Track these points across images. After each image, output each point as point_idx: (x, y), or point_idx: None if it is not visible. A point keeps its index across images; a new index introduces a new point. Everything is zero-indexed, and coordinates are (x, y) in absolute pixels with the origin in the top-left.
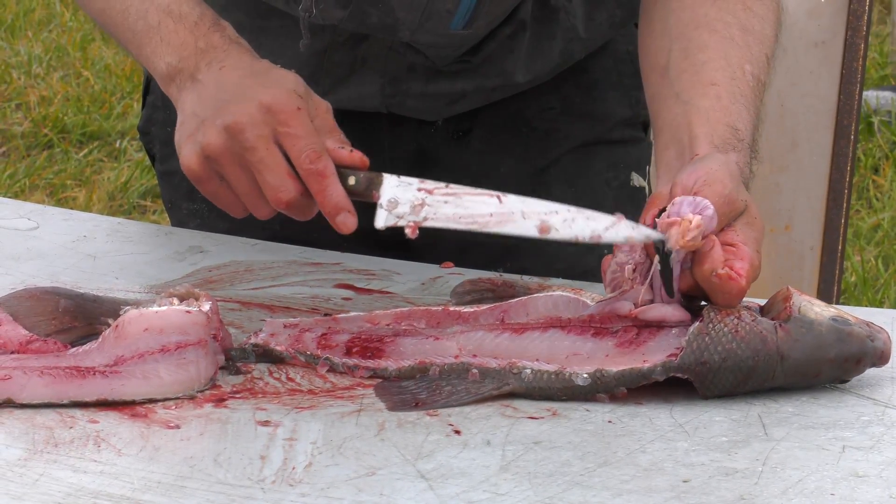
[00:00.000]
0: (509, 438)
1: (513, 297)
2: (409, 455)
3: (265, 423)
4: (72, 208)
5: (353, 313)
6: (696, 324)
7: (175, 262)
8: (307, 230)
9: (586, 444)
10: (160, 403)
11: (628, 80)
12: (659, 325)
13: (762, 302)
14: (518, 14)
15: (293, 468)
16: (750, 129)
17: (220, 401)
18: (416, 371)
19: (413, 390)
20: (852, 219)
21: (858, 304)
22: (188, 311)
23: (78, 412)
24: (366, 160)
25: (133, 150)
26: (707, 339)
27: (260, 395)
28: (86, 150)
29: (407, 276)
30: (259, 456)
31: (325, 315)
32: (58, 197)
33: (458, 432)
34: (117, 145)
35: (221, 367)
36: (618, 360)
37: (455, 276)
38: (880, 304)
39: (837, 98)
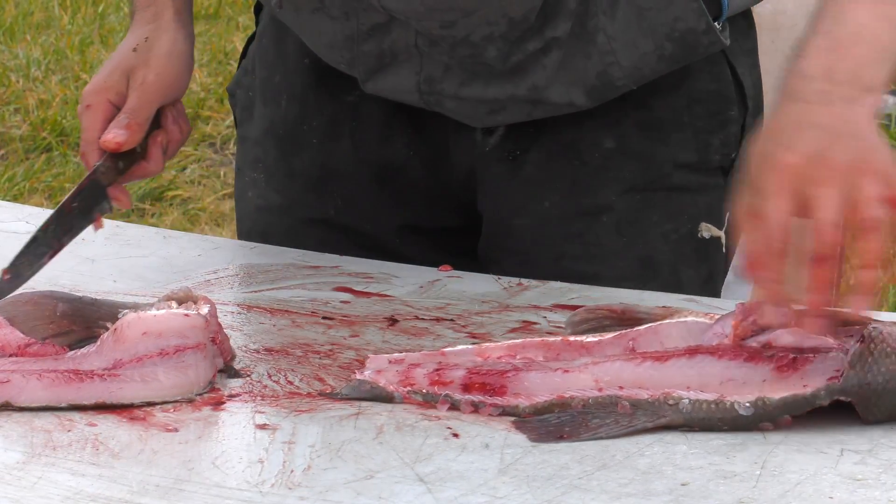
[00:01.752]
0: (508, 442)
1: (636, 323)
2: (408, 458)
3: (264, 427)
4: None
5: (460, 347)
6: (857, 345)
7: (174, 265)
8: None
9: (584, 448)
10: (158, 407)
11: (701, 122)
12: (814, 350)
13: None
14: (549, 31)
15: (292, 471)
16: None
17: (218, 404)
18: (555, 406)
19: (556, 423)
20: None
21: None
22: (187, 315)
23: (76, 415)
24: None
25: None
26: (870, 359)
27: (258, 399)
28: None
29: (405, 279)
30: (258, 459)
31: (324, 318)
32: (56, 200)
33: (456, 435)
34: None
35: (220, 371)
36: (776, 386)
37: (453, 279)
38: (879, 309)
39: None
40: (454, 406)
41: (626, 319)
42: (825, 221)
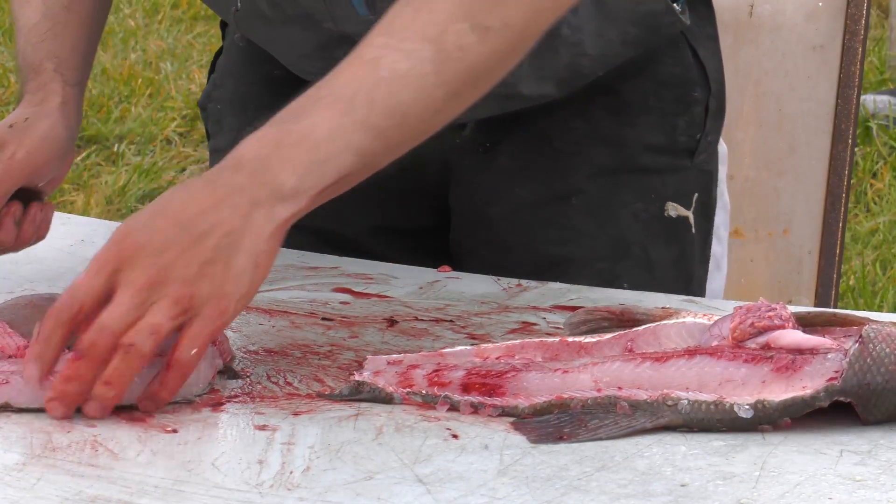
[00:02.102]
0: (507, 443)
1: (634, 324)
2: (407, 459)
3: (263, 428)
4: (70, 212)
5: (459, 347)
6: (856, 345)
7: None
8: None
9: (584, 449)
10: None
11: (667, 104)
12: (813, 350)
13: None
14: None
15: (291, 472)
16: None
17: (217, 405)
18: (554, 407)
19: (555, 423)
20: (850, 223)
21: (856, 308)
22: None
23: (75, 417)
24: None
25: (131, 154)
26: (869, 360)
27: (258, 400)
28: (84, 154)
29: (404, 279)
30: (257, 460)
31: (324, 319)
32: (55, 201)
33: (455, 436)
34: (115, 149)
35: (219, 372)
36: (776, 387)
37: (453, 279)
38: (878, 309)
39: (835, 102)
40: (453, 407)
41: (624, 320)
42: (104, 318)
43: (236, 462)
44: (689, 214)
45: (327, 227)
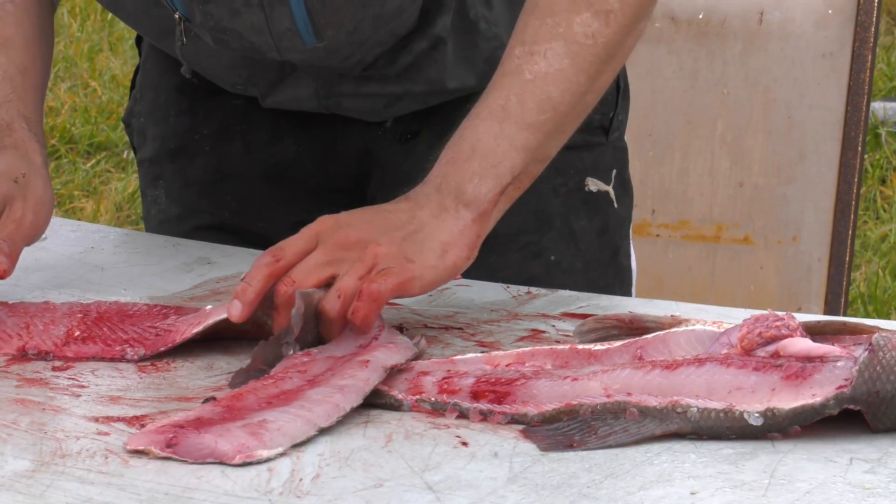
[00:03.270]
0: (517, 450)
1: (644, 332)
2: (417, 467)
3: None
4: (79, 219)
5: (469, 355)
6: (865, 353)
7: (183, 273)
8: (254, 219)
9: (593, 456)
10: (168, 414)
11: None
12: (823, 358)
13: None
14: (433, 29)
15: (300, 480)
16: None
17: None
18: (563, 414)
19: (565, 431)
20: (860, 230)
21: (866, 315)
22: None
23: (87, 423)
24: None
25: None
26: (878, 368)
27: None
28: (93, 161)
29: None
30: (267, 468)
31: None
32: (65, 207)
33: (465, 444)
34: (125, 156)
35: (230, 374)
36: (785, 395)
37: (462, 287)
38: (887, 316)
39: (845, 109)
40: (463, 414)
41: (634, 328)
42: (293, 271)
43: (246, 469)
44: (610, 189)
45: (250, 227)
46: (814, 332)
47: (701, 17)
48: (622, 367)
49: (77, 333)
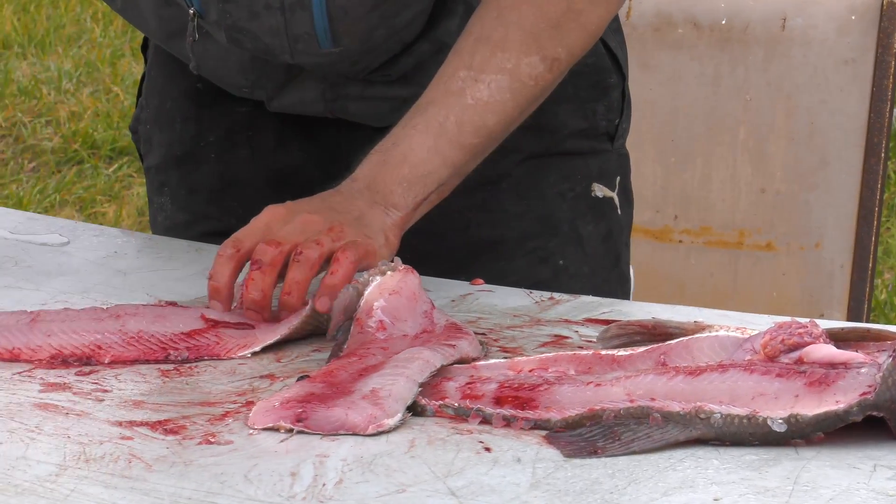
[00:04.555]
0: (539, 456)
1: (667, 338)
2: (440, 472)
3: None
4: (101, 224)
5: (492, 360)
6: (889, 360)
7: (205, 277)
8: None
9: (616, 462)
10: (191, 419)
11: (584, 92)
12: (846, 365)
13: None
14: (438, 33)
15: (323, 485)
16: None
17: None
18: (586, 420)
19: (588, 437)
20: (882, 236)
21: (889, 322)
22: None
23: (111, 428)
24: None
25: None
26: None
27: None
28: (115, 166)
29: (437, 292)
30: (289, 472)
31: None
32: (87, 212)
33: (488, 449)
34: None
35: (253, 379)
36: (809, 401)
37: (485, 292)
38: None
39: (867, 115)
40: (486, 420)
41: (657, 334)
42: (272, 234)
43: (269, 474)
44: (614, 196)
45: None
46: (837, 338)
47: (723, 22)
48: (645, 372)
49: (117, 339)
